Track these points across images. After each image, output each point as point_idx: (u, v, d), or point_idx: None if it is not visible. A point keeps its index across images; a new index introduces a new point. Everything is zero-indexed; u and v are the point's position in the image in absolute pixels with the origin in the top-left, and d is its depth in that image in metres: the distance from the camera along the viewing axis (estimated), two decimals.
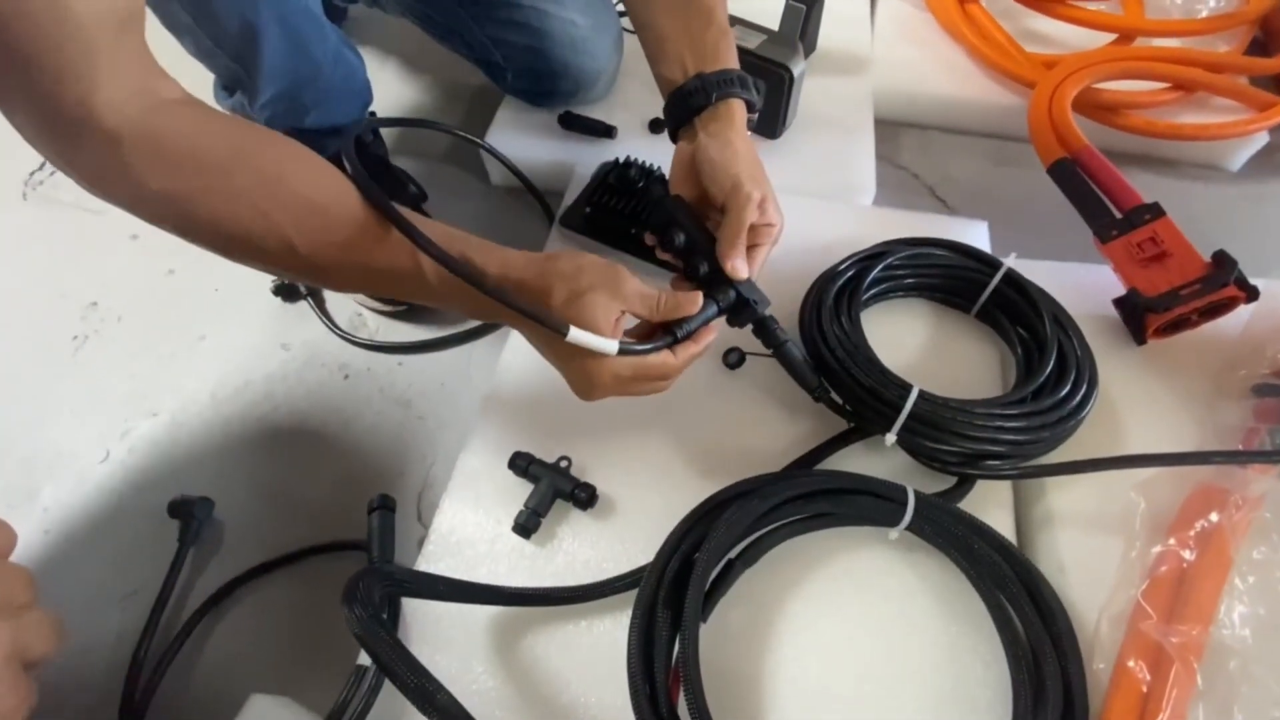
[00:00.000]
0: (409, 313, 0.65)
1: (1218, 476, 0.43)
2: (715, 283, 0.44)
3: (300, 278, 0.54)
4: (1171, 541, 0.41)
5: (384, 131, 0.75)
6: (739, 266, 0.43)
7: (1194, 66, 0.72)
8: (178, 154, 0.34)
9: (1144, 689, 0.38)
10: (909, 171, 0.76)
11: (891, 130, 0.78)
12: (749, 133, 0.49)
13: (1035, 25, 0.79)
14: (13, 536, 0.29)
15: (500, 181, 0.74)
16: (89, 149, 0.32)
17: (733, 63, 0.49)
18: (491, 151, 0.69)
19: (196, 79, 0.60)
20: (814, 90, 0.71)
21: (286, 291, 0.66)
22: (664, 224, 0.45)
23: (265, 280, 0.66)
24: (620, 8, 0.73)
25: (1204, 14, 0.77)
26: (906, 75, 0.78)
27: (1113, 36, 0.76)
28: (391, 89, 0.85)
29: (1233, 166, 0.75)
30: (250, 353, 0.63)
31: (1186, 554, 0.39)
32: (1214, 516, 0.40)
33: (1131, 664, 0.38)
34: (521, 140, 0.71)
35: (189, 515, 0.52)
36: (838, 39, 0.78)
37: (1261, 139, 0.73)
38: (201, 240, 0.36)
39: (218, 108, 0.63)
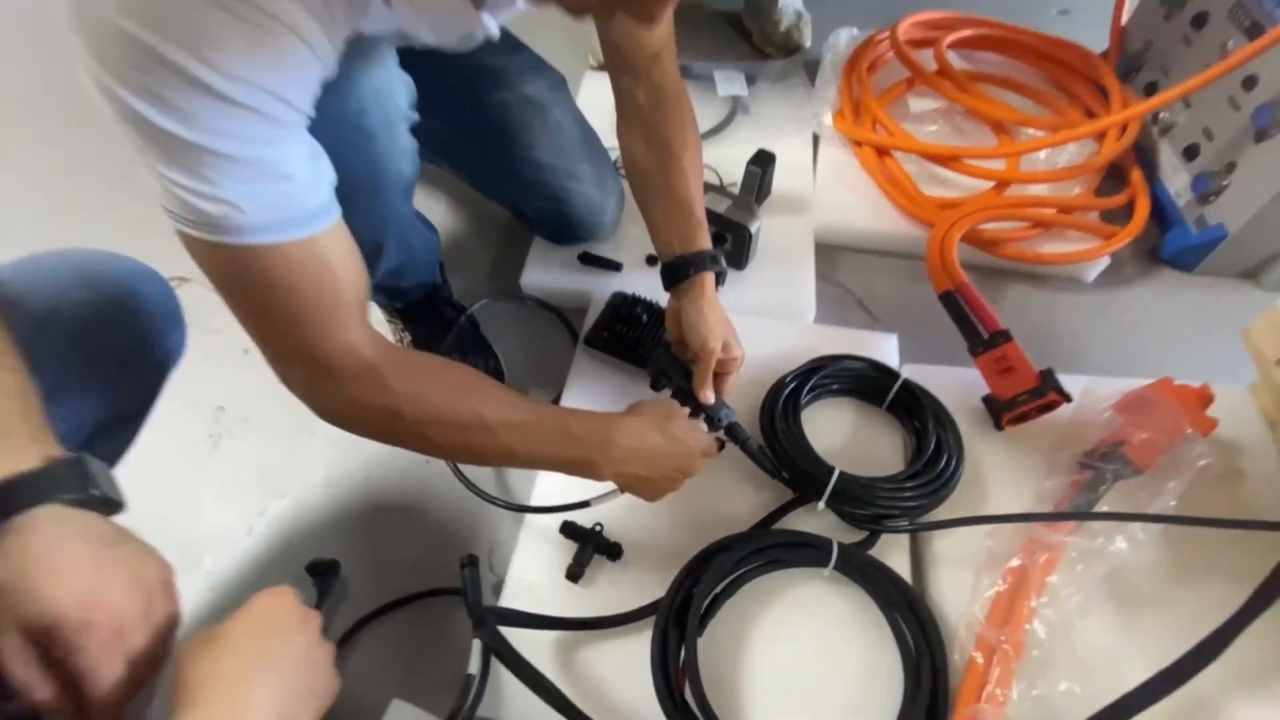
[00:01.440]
0: None
1: (1039, 530, 0.64)
2: (697, 404, 0.66)
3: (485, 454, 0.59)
4: (1002, 575, 0.61)
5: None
6: (708, 395, 0.65)
7: (1051, 208, 0.95)
8: (416, 366, 0.52)
9: (983, 672, 0.58)
10: (844, 287, 0.98)
11: (832, 253, 1.00)
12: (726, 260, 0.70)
13: (938, 171, 1.03)
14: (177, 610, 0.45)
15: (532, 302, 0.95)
16: (349, 382, 0.47)
17: (705, 244, 0.70)
18: (538, 301, 0.91)
19: None
20: (770, 226, 0.93)
21: None
22: (655, 375, 0.68)
23: None
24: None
25: (1063, 164, 1.01)
26: (841, 211, 1.01)
27: (994, 183, 0.99)
28: (444, 222, 1.05)
29: (1087, 279, 0.98)
30: (351, 443, 0.82)
31: (1005, 584, 0.60)
32: (1017, 560, 0.61)
33: (977, 656, 0.59)
34: (550, 273, 0.92)
35: (323, 573, 0.71)
36: (788, 184, 1.00)
37: (1105, 260, 0.96)
38: (437, 426, 0.51)
39: None
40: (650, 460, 0.59)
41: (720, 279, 0.71)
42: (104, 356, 0.52)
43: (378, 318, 0.90)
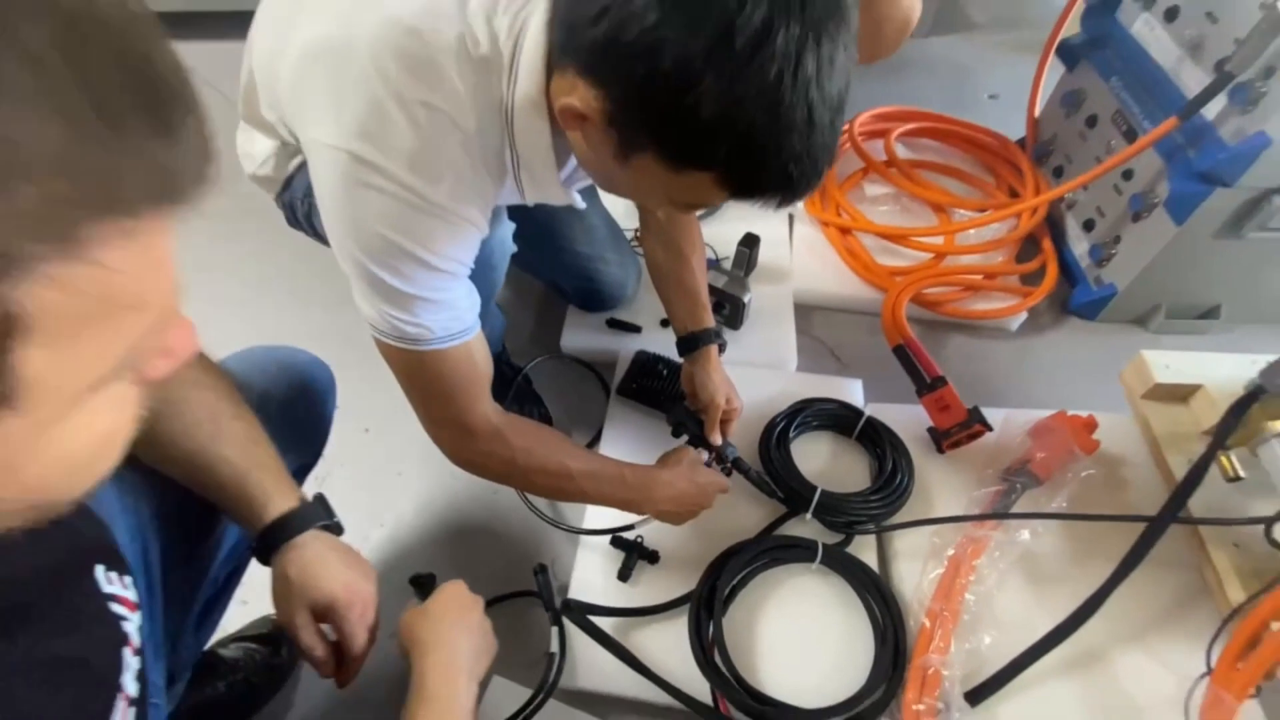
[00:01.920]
0: None
1: (969, 528, 0.85)
2: (709, 446, 0.86)
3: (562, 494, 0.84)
4: (943, 562, 0.82)
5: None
6: (716, 439, 0.85)
7: (980, 274, 1.18)
8: (525, 429, 0.70)
9: (930, 632, 0.78)
10: (819, 340, 1.19)
11: (808, 312, 1.22)
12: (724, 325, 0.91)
13: (890, 245, 1.25)
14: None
15: (569, 361, 1.16)
16: (483, 440, 0.66)
17: (709, 322, 0.90)
18: (576, 359, 1.11)
19: None
20: (757, 294, 1.14)
21: None
22: (675, 425, 0.89)
23: None
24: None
25: (989, 238, 1.24)
26: (814, 279, 1.23)
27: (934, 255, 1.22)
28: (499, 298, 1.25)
29: (1011, 329, 1.21)
30: (432, 481, 1.02)
31: (942, 569, 0.81)
32: (953, 550, 0.81)
33: (926, 622, 0.79)
34: (584, 336, 1.13)
35: (424, 584, 0.89)
36: (770, 257, 1.21)
37: (1024, 314, 1.19)
38: (539, 473, 0.70)
39: None
40: (679, 501, 0.79)
41: (721, 349, 0.92)
42: (297, 425, 0.71)
43: None
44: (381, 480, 1.02)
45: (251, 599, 0.86)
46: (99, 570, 0.43)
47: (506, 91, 0.53)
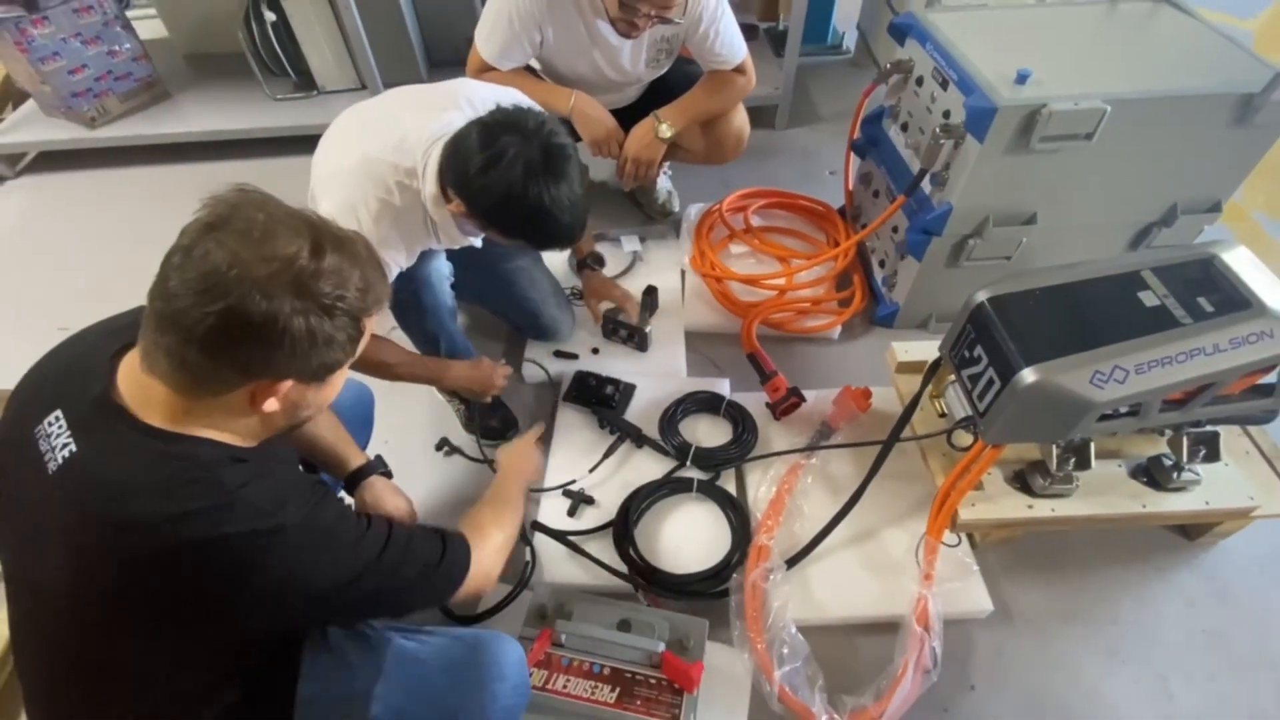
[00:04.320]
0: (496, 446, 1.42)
1: (789, 459, 1.27)
2: (621, 424, 1.27)
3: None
4: (773, 481, 1.23)
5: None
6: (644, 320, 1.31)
7: (809, 301, 1.64)
8: (376, 347, 1.12)
9: (763, 523, 1.18)
10: (702, 354, 1.61)
11: (694, 336, 1.64)
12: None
13: (749, 287, 1.70)
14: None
15: (531, 380, 1.55)
16: None
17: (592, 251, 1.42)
18: (539, 365, 1.51)
19: None
20: (658, 327, 1.57)
21: (439, 444, 1.42)
22: (599, 417, 1.30)
23: (430, 441, 1.42)
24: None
25: (815, 276, 1.70)
26: (698, 314, 1.66)
27: (778, 292, 1.67)
28: (475, 335, 1.64)
29: (834, 338, 1.65)
30: (438, 472, 1.38)
31: (772, 487, 1.22)
32: (773, 472, 1.23)
33: (760, 518, 1.19)
34: (542, 362, 1.53)
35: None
36: (668, 299, 1.64)
37: (840, 328, 1.64)
38: (374, 369, 1.14)
39: None
40: (462, 382, 1.25)
41: (601, 269, 1.45)
42: (356, 420, 1.08)
43: (439, 400, 1.48)
44: (400, 475, 1.38)
45: None
46: None
47: (422, 188, 0.98)
